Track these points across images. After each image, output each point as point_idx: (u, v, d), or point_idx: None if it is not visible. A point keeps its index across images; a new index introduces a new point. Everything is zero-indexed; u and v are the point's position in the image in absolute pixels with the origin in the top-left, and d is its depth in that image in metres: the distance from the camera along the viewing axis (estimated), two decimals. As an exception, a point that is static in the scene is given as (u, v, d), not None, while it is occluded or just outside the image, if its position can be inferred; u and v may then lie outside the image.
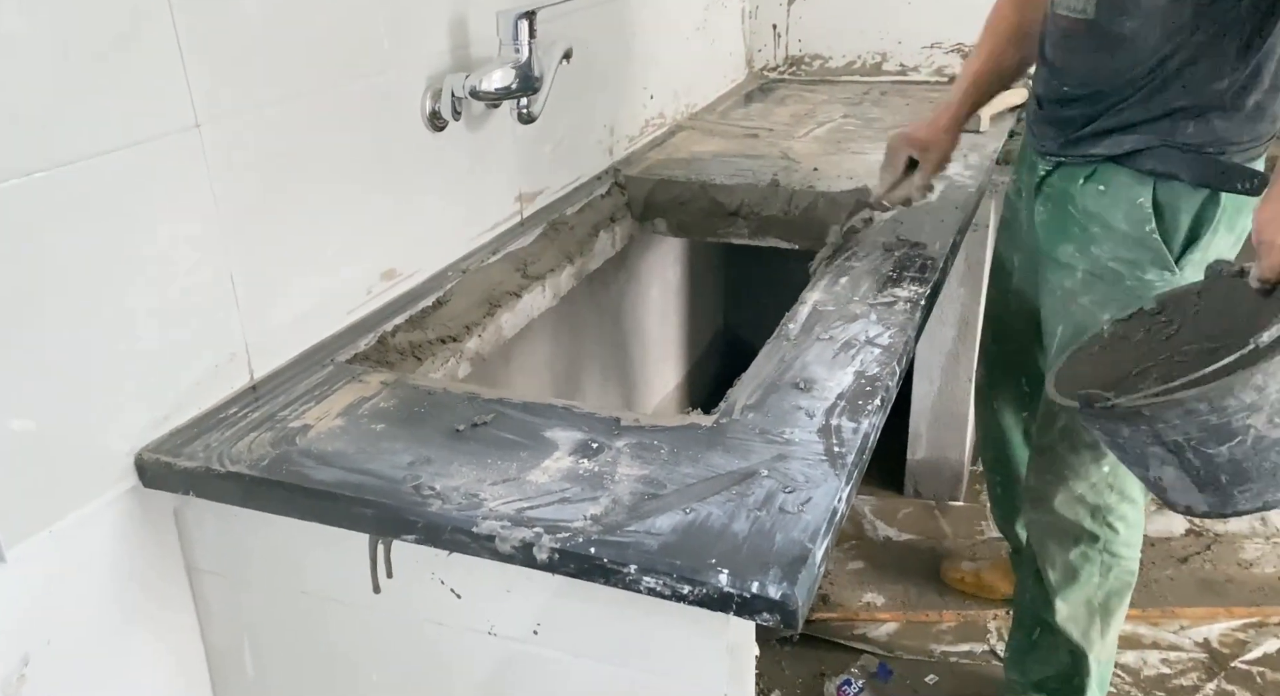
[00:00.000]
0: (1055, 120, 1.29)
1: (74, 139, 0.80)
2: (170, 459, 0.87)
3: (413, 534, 0.80)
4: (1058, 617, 1.45)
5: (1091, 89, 1.24)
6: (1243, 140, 1.19)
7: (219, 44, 0.91)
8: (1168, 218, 1.22)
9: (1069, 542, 1.42)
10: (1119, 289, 1.25)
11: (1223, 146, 1.19)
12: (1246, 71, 1.16)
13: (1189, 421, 0.94)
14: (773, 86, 2.33)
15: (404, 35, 1.16)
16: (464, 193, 1.32)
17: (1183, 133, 1.19)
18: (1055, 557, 1.44)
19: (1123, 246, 1.24)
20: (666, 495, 0.80)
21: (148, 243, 0.87)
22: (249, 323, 0.99)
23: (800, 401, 0.94)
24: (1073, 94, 1.26)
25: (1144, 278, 1.24)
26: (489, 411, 0.93)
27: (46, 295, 0.79)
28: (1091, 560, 1.42)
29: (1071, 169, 1.29)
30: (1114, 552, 1.41)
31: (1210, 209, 1.20)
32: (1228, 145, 1.19)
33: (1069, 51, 1.26)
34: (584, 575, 0.75)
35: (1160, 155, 1.20)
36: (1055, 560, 1.44)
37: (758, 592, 0.70)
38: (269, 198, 1.00)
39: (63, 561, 0.83)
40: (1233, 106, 1.18)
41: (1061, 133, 1.28)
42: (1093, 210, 1.27)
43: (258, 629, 0.97)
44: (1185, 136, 1.19)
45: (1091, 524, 1.39)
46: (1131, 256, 1.24)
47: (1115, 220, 1.24)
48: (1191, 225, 1.22)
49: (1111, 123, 1.23)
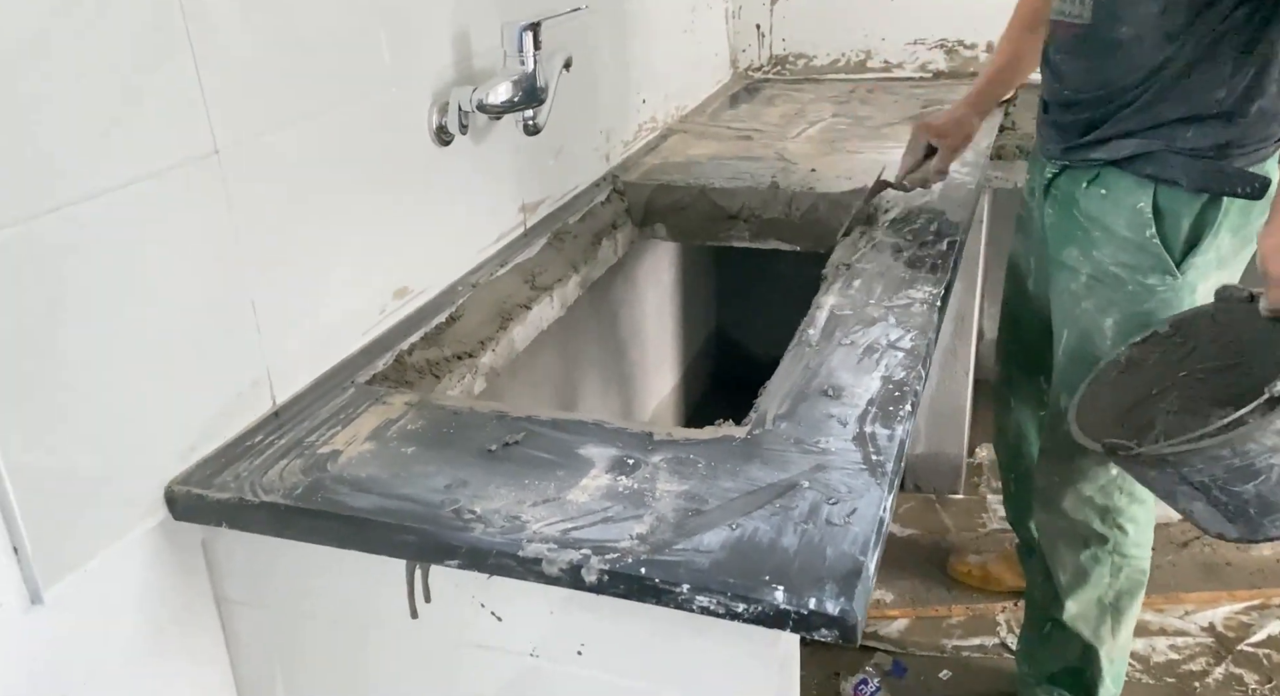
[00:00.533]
0: (1059, 124, 1.31)
1: (95, 172, 0.78)
2: (201, 491, 0.86)
3: (456, 559, 0.79)
4: (1066, 615, 1.46)
5: (1091, 94, 1.25)
6: (1246, 145, 1.19)
7: (235, 69, 0.90)
8: (1168, 222, 1.22)
9: (1078, 544, 1.43)
10: (1121, 293, 1.26)
11: (1225, 151, 1.19)
12: (1246, 80, 1.17)
13: (1214, 465, 0.98)
14: (759, 86, 2.33)
15: (410, 50, 1.15)
16: (471, 206, 1.31)
17: (1182, 138, 1.19)
18: (1065, 559, 1.45)
19: (1124, 251, 1.25)
20: (710, 511, 0.80)
21: (170, 273, 0.85)
22: (270, 348, 0.97)
23: (831, 409, 0.94)
24: (1073, 99, 1.27)
25: (1145, 282, 1.24)
26: (519, 430, 0.93)
27: (70, 330, 0.77)
28: (1101, 561, 1.43)
29: (1075, 172, 1.30)
30: (1124, 553, 1.42)
31: (1211, 212, 1.21)
32: (1231, 149, 1.19)
33: (1068, 56, 1.28)
34: (634, 595, 0.75)
35: (1160, 160, 1.21)
36: (1065, 561, 1.45)
37: (815, 608, 0.69)
38: (286, 221, 0.98)
39: (97, 599, 0.81)
40: (1236, 113, 1.18)
41: (1065, 137, 1.30)
42: (1094, 214, 1.28)
43: (290, 658, 0.96)
44: (1185, 142, 1.19)
45: (1101, 526, 1.40)
46: (1133, 261, 1.25)
47: (1116, 225, 1.25)
48: (1192, 229, 1.22)
49: (1111, 130, 1.24)
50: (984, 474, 2.25)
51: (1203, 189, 1.19)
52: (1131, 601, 1.45)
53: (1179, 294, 1.24)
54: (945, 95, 2.06)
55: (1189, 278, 1.24)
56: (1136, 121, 1.21)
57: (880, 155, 1.74)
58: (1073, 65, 1.27)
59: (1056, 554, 1.46)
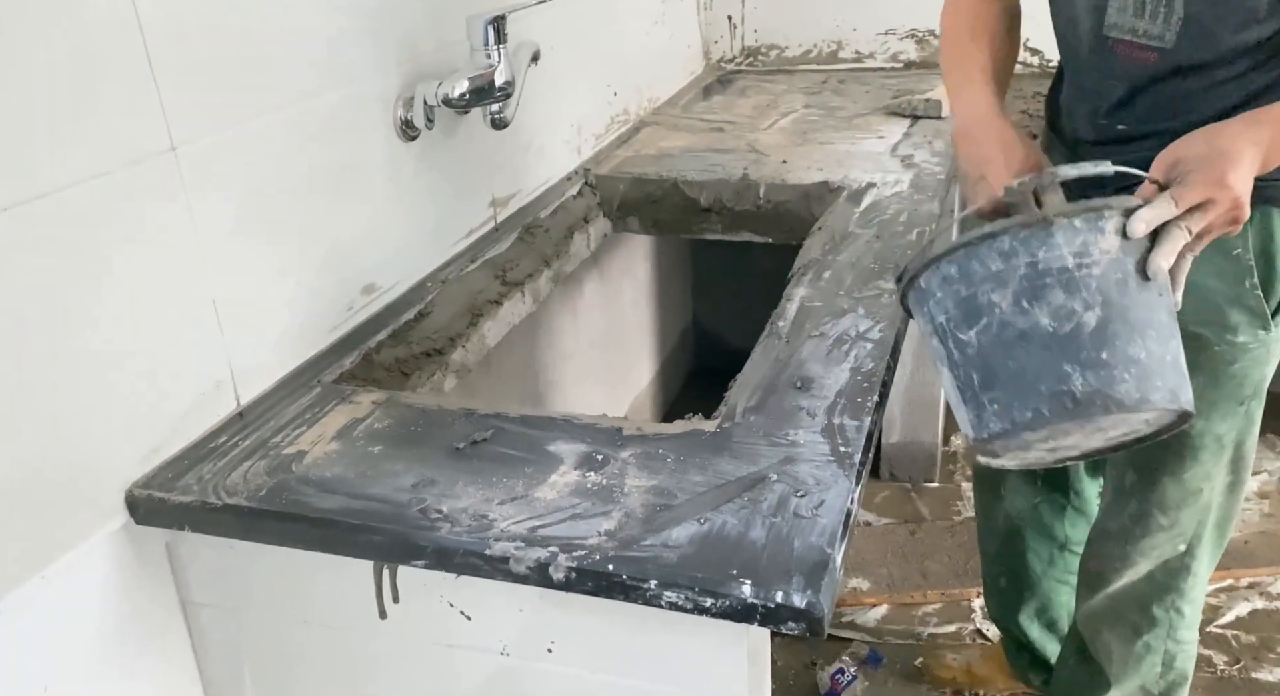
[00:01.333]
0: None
1: (46, 170, 0.76)
2: (163, 494, 0.84)
3: (422, 559, 0.79)
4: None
5: (1160, 126, 1.01)
6: None
7: (191, 62, 0.88)
8: (1266, 266, 1.03)
9: (1128, 633, 1.30)
10: (1205, 353, 1.05)
11: None
12: None
13: (946, 292, 0.83)
14: (731, 78, 2.33)
15: (373, 43, 1.14)
16: (439, 201, 1.30)
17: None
18: (1112, 647, 1.31)
19: (1211, 308, 1.05)
20: (679, 505, 0.80)
21: (126, 272, 0.84)
22: (233, 347, 0.96)
23: (800, 401, 0.94)
24: (1131, 133, 1.05)
25: (1236, 340, 1.05)
26: (487, 427, 0.92)
27: (23, 333, 0.76)
28: (1154, 650, 1.29)
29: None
30: (1178, 639, 1.29)
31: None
32: None
33: (1126, 82, 1.05)
34: (602, 593, 0.74)
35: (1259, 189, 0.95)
36: (1112, 651, 1.31)
37: (782, 602, 0.69)
38: (247, 218, 0.97)
39: (56, 606, 0.80)
40: None
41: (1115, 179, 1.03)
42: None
43: (258, 660, 0.95)
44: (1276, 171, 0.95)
45: (1157, 608, 1.26)
46: (1221, 319, 1.05)
47: (1201, 276, 1.00)
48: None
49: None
50: (959, 462, 2.27)
51: None
52: (1183, 690, 1.33)
53: (1270, 349, 1.07)
54: (916, 85, 2.07)
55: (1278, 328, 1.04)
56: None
57: (851, 146, 1.74)
58: (1135, 94, 1.04)
59: (1100, 641, 1.32)
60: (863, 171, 1.58)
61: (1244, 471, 1.21)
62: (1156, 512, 1.21)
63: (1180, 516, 1.21)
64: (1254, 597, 1.78)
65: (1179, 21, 0.99)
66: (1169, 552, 1.23)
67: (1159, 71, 1.02)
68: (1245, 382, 1.10)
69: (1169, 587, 1.26)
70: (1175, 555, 1.23)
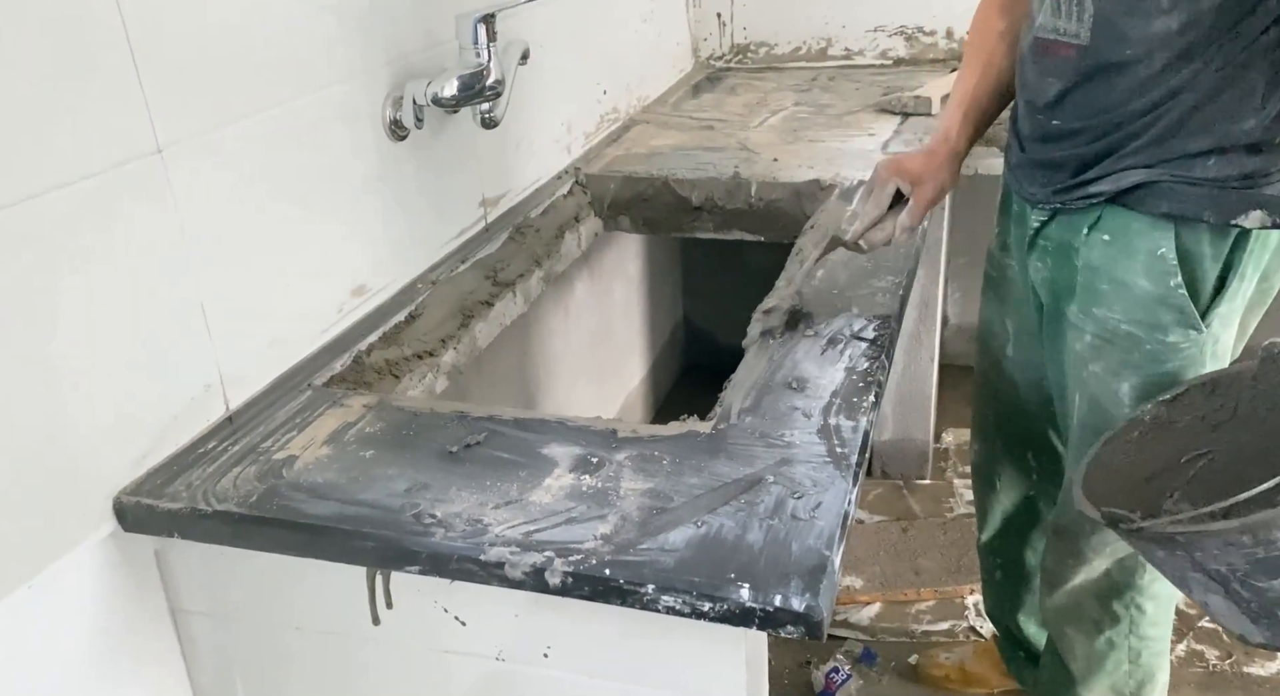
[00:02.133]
0: (1045, 163, 1.11)
1: (31, 174, 0.75)
2: (152, 501, 0.83)
3: (416, 565, 0.78)
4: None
5: (1087, 124, 1.06)
6: (1271, 174, 1.00)
7: (177, 63, 0.87)
8: (1193, 268, 1.04)
9: (1090, 628, 1.29)
10: (1136, 354, 1.08)
11: (1251, 181, 1.00)
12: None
13: (1231, 552, 0.82)
14: (721, 76, 2.32)
15: (361, 43, 1.12)
16: (429, 202, 1.29)
17: (1202, 168, 1.00)
18: (1075, 646, 1.31)
19: (1139, 306, 1.07)
20: (675, 508, 0.79)
21: (114, 276, 0.83)
22: (222, 351, 0.95)
23: (796, 402, 0.94)
24: (1064, 130, 1.08)
25: (1167, 340, 1.06)
26: (480, 430, 0.91)
27: (9, 338, 0.74)
28: (1118, 647, 1.28)
29: (1071, 217, 1.11)
30: (1142, 635, 1.28)
31: (1238, 252, 1.03)
32: (1257, 179, 1.00)
33: (1058, 81, 1.08)
34: (599, 597, 0.74)
35: (1176, 193, 1.01)
36: (1075, 648, 1.31)
37: (781, 605, 0.69)
38: (235, 220, 0.96)
39: (45, 616, 0.79)
40: (1265, 142, 0.99)
41: (1053, 177, 1.11)
42: (1098, 264, 1.08)
43: (249, 668, 0.94)
44: (1205, 172, 1.00)
45: (1117, 605, 1.26)
46: (1151, 317, 1.06)
47: (1130, 275, 1.05)
48: (1220, 273, 1.04)
49: (1113, 164, 1.05)
50: (950, 459, 2.27)
51: (1233, 223, 1.00)
52: (1154, 688, 1.31)
53: (1203, 349, 1.08)
54: (906, 82, 2.06)
55: (1214, 329, 1.06)
56: (1145, 155, 1.03)
57: (842, 144, 1.73)
58: (1064, 91, 1.07)
59: (1065, 640, 1.32)
60: (854, 169, 1.58)
61: None
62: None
63: None
64: (1245, 592, 1.80)
65: (1090, 17, 1.03)
66: (1122, 550, 1.23)
67: (1082, 68, 1.05)
68: (1176, 383, 1.10)
69: (1127, 584, 1.26)
70: (1129, 552, 1.23)
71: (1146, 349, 1.08)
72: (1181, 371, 1.09)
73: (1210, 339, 1.08)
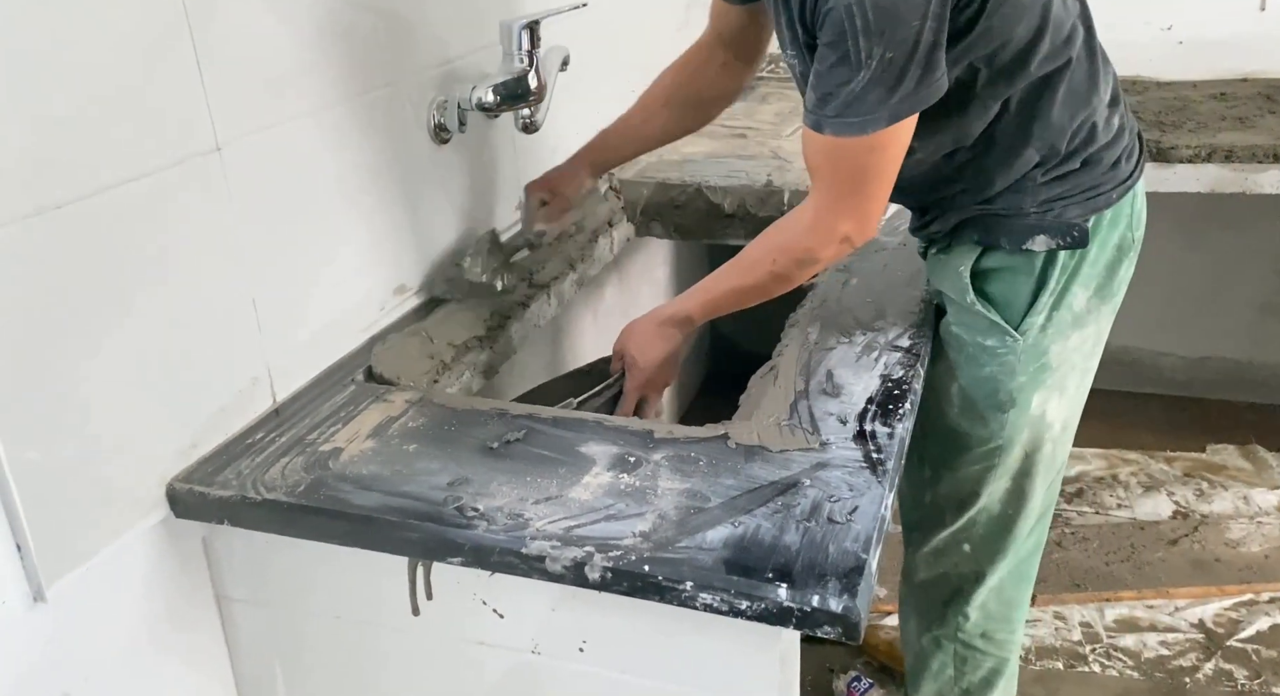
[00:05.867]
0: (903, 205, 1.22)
1: (99, 170, 0.77)
2: (203, 488, 0.86)
3: (459, 556, 0.79)
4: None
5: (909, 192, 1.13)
6: (1071, 197, 1.07)
7: (237, 63, 0.89)
8: (1001, 283, 1.12)
9: (923, 623, 1.35)
10: (962, 355, 1.16)
11: (1050, 206, 1.07)
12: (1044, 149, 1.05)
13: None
14: (753, 84, 2.33)
15: (409, 48, 1.15)
16: (467, 203, 1.31)
17: (1002, 203, 1.09)
18: (910, 636, 1.38)
19: (960, 313, 1.15)
20: (712, 508, 0.80)
21: (171, 271, 0.85)
22: (270, 345, 0.97)
23: (831, 407, 0.95)
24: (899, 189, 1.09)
25: (984, 343, 1.13)
26: (520, 427, 0.93)
27: (73, 328, 0.77)
28: (944, 649, 1.33)
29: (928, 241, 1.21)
30: (969, 644, 1.32)
31: (1049, 269, 1.09)
32: (1055, 203, 1.07)
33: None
34: (637, 593, 0.75)
35: (984, 224, 1.10)
36: (910, 640, 1.38)
37: (818, 606, 0.70)
38: (286, 218, 0.98)
39: (98, 596, 0.81)
40: (1053, 177, 1.06)
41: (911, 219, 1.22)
42: (932, 277, 1.19)
43: (290, 655, 0.96)
44: (1002, 206, 1.09)
45: (949, 608, 1.31)
46: (969, 321, 1.14)
47: (946, 288, 1.16)
48: (1033, 289, 1.10)
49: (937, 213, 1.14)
50: (975, 471, 2.26)
51: (1022, 247, 1.08)
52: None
53: (1021, 356, 1.13)
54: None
55: (1032, 339, 1.12)
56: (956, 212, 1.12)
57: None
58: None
59: (906, 628, 1.39)
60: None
61: (1030, 484, 1.21)
62: (944, 507, 1.26)
63: (962, 516, 1.26)
64: (1274, 612, 1.78)
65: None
66: (958, 555, 1.29)
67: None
68: (999, 389, 1.15)
69: (960, 590, 1.31)
70: (964, 556, 1.29)
71: (969, 351, 1.16)
72: (998, 377, 1.14)
73: (1032, 349, 1.13)
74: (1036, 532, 1.29)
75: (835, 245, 1.04)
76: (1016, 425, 1.17)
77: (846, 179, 1.01)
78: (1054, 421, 1.19)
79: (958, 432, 1.20)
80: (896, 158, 0.99)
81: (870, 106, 0.93)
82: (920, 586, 1.35)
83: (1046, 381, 1.15)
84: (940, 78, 0.94)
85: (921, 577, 1.34)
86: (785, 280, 1.09)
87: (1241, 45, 2.14)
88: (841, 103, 0.94)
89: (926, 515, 1.30)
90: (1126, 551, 1.93)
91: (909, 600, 1.40)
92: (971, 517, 1.25)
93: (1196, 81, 2.14)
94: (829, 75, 0.94)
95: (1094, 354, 1.19)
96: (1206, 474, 2.17)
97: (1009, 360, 1.13)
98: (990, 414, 1.17)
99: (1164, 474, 2.17)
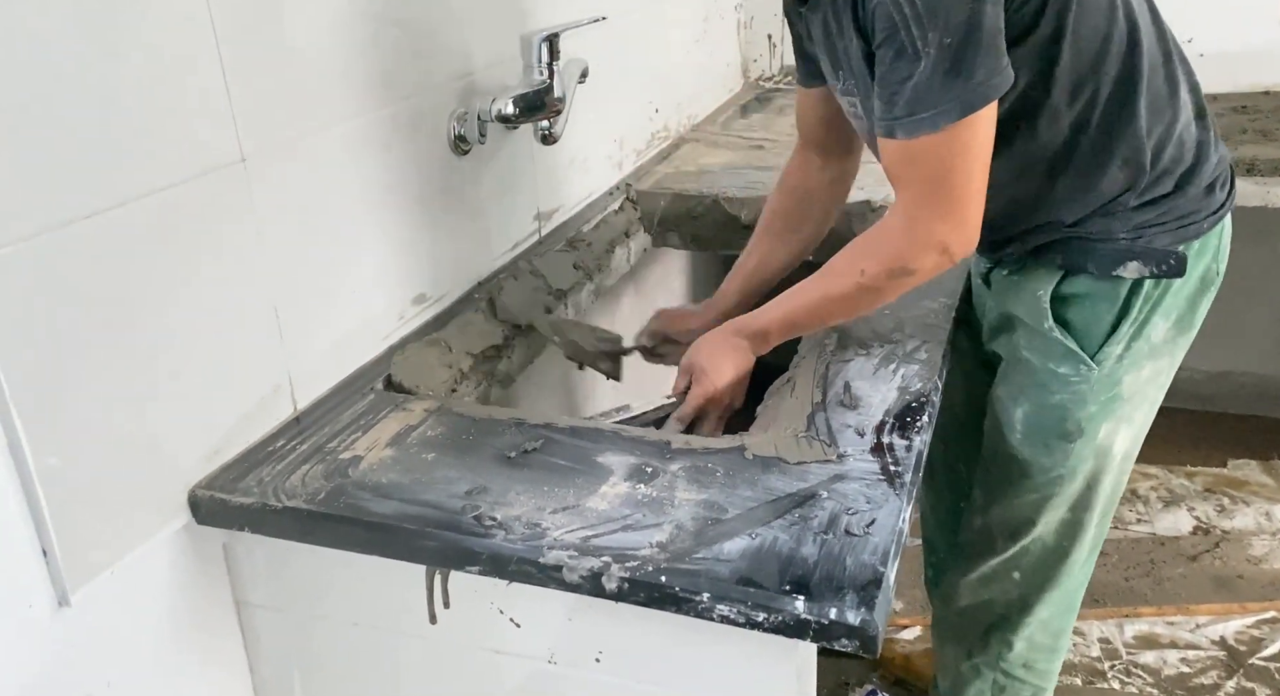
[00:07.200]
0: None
1: (124, 181, 0.79)
2: (225, 495, 0.86)
3: (476, 565, 0.80)
4: None
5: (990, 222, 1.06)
6: (1167, 223, 1.05)
7: (262, 74, 0.91)
8: (1080, 310, 1.09)
9: (963, 650, 1.32)
10: (1031, 380, 1.13)
11: (1142, 231, 1.05)
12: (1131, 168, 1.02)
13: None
14: (769, 96, 2.34)
15: (430, 60, 1.16)
16: (487, 214, 1.32)
17: (1086, 228, 1.06)
18: (947, 661, 1.34)
19: (1034, 337, 1.12)
20: (729, 520, 0.80)
21: (195, 280, 0.86)
22: (291, 354, 0.98)
23: (848, 419, 0.95)
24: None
25: (1057, 371, 1.10)
26: (537, 437, 0.93)
27: (97, 338, 0.78)
28: (983, 677, 1.30)
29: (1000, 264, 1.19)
30: (1009, 673, 1.29)
31: (1134, 298, 1.07)
32: (1149, 229, 1.05)
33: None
34: (654, 604, 0.75)
35: (1070, 248, 1.07)
36: (947, 665, 1.34)
37: (836, 618, 0.70)
38: (308, 228, 0.99)
39: (122, 601, 0.82)
40: (1145, 200, 1.04)
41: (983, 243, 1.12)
42: (1003, 297, 1.17)
43: (308, 662, 0.97)
44: (1090, 230, 1.06)
45: (993, 635, 1.28)
46: (1042, 347, 1.11)
47: (1019, 311, 1.13)
48: (1115, 318, 1.07)
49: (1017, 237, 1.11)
50: (993, 484, 2.25)
51: (1111, 273, 1.05)
52: None
53: (1095, 386, 1.10)
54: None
55: (1107, 368, 1.09)
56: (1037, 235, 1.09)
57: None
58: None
59: (942, 654, 1.36)
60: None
61: (1089, 516, 1.19)
62: (996, 533, 1.23)
63: (1015, 545, 1.23)
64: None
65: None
66: (1008, 583, 1.25)
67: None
68: (1068, 418, 1.12)
69: (1006, 618, 1.27)
70: (1013, 584, 1.25)
71: (1038, 377, 1.12)
72: (1070, 404, 1.11)
73: (1106, 379, 1.10)
74: (1088, 565, 1.26)
75: (933, 254, 0.95)
76: (1081, 455, 1.13)
77: (930, 179, 0.93)
78: (1118, 453, 1.16)
79: (1018, 459, 1.16)
80: (980, 157, 0.92)
81: (937, 97, 0.88)
82: (962, 612, 1.31)
83: (1116, 412, 1.12)
84: (1006, 66, 0.90)
85: (965, 603, 1.30)
86: (875, 294, 1.00)
87: (1263, 58, 2.14)
88: (908, 99, 0.89)
89: (975, 540, 1.26)
90: (1146, 567, 1.92)
91: (946, 623, 1.36)
92: (1024, 547, 1.22)
93: (1218, 94, 2.14)
94: (890, 73, 0.90)
95: (1165, 386, 1.16)
96: (1228, 489, 2.15)
97: (1081, 389, 1.10)
98: (1055, 443, 1.13)
99: (1184, 489, 2.16)
